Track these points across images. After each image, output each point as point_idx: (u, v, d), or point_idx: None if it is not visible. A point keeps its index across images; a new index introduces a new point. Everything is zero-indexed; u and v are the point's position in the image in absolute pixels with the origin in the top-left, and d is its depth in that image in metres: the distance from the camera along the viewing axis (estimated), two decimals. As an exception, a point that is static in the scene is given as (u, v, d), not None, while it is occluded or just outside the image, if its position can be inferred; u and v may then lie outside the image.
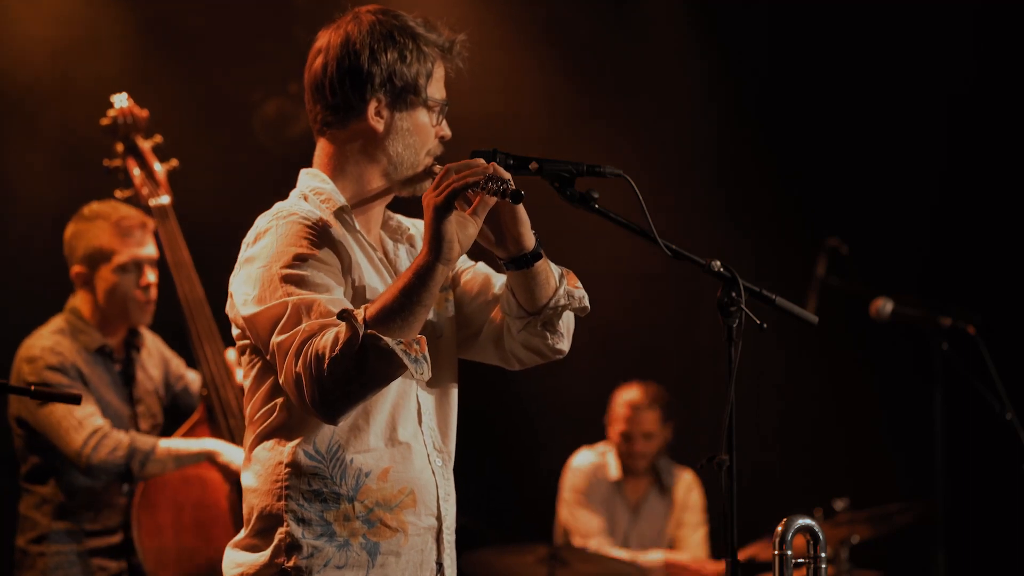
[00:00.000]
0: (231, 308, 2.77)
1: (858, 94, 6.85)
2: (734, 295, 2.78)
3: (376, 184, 2.85)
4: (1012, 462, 4.72)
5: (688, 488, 6.32)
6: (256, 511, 2.78)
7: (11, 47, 5.67)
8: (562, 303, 2.84)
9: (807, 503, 5.59)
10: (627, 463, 6.27)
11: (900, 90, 6.77)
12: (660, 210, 2.89)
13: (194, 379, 4.76)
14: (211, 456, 4.46)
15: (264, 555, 2.75)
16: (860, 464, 6.65)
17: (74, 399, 3.01)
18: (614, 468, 6.30)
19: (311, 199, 2.82)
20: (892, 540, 5.96)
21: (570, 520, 6.27)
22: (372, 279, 2.80)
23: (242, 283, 2.72)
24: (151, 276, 4.55)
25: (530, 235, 2.77)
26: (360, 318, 2.55)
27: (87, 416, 4.35)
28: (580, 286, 2.88)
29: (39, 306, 4.73)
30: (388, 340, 2.54)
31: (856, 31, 6.82)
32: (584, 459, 6.36)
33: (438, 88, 2.87)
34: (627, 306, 6.65)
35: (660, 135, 6.92)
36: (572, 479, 6.32)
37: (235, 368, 4.54)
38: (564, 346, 2.90)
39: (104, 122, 4.81)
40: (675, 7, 6.96)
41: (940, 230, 6.80)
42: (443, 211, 2.62)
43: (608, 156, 3.23)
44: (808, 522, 2.89)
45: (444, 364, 2.87)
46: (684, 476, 6.35)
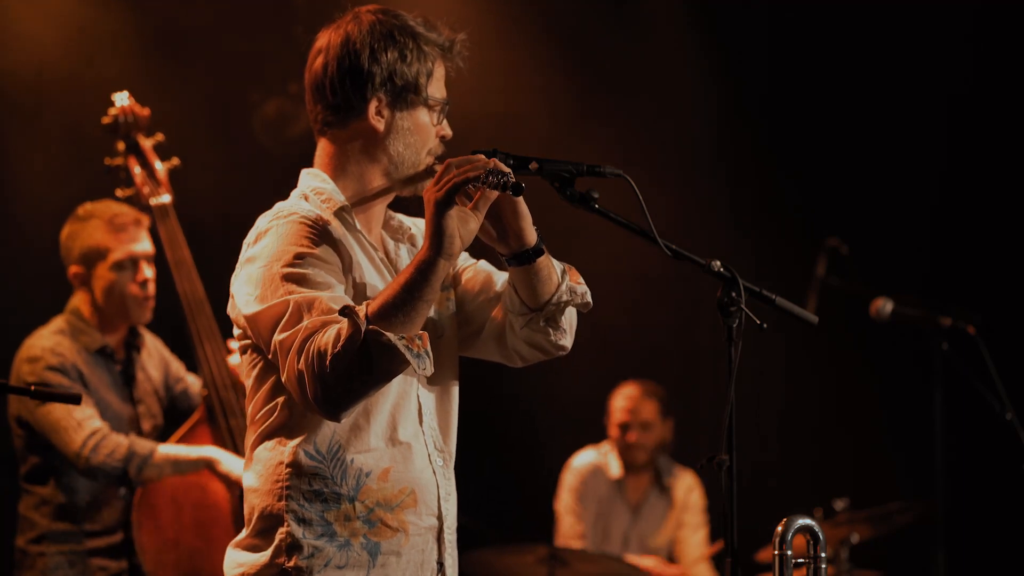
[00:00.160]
0: (232, 308, 2.77)
1: (858, 94, 6.85)
2: (734, 295, 2.78)
3: (377, 183, 2.85)
4: (1012, 462, 4.72)
5: (689, 489, 6.32)
6: (257, 511, 2.78)
7: (12, 47, 5.67)
8: (564, 299, 2.84)
9: (807, 503, 5.59)
10: (626, 457, 6.27)
11: (900, 90, 6.77)
12: (660, 210, 2.89)
13: (193, 382, 4.76)
14: (210, 464, 4.46)
15: (265, 555, 2.75)
16: (860, 464, 6.65)
17: (74, 399, 3.01)
18: (615, 467, 6.30)
19: (312, 199, 2.82)
20: (892, 540, 5.96)
21: (559, 519, 6.30)
22: (373, 278, 2.80)
23: (243, 283, 2.72)
24: (147, 272, 4.55)
25: (531, 230, 2.77)
26: (362, 314, 2.55)
27: (86, 417, 4.35)
28: (582, 282, 2.88)
29: (39, 306, 4.73)
30: (390, 335, 2.54)
31: (856, 31, 6.82)
32: (584, 459, 6.36)
33: (439, 87, 2.86)
34: (627, 306, 6.65)
35: (660, 135, 6.92)
36: (568, 479, 6.33)
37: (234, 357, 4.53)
38: (567, 342, 2.90)
39: (105, 121, 4.81)
40: (675, 7, 6.97)
41: (940, 230, 6.80)
42: (444, 206, 2.62)
43: (608, 156, 3.23)
44: (808, 522, 2.89)
45: (445, 363, 2.87)
46: (685, 477, 6.35)
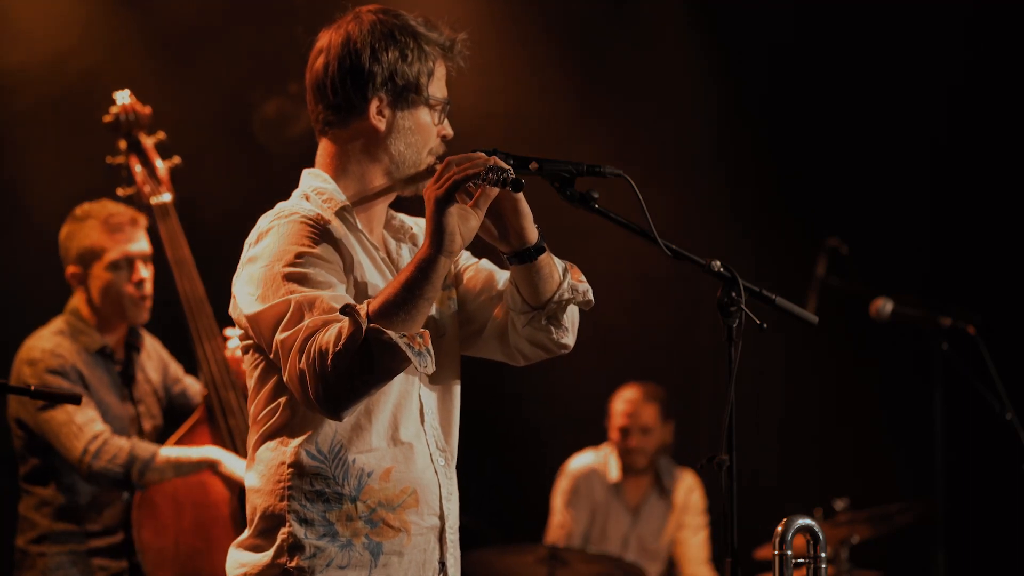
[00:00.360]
0: (234, 308, 2.77)
1: (858, 94, 6.85)
2: (734, 295, 2.78)
3: (378, 183, 2.85)
4: (1012, 462, 4.72)
5: (689, 490, 6.31)
6: (259, 511, 2.78)
7: (13, 46, 5.67)
8: (566, 297, 2.84)
9: (807, 503, 5.59)
10: (626, 461, 6.27)
11: (900, 90, 6.77)
12: (660, 210, 2.89)
13: (191, 384, 4.76)
14: (212, 465, 4.45)
15: (267, 555, 2.75)
16: (860, 464, 6.65)
17: (74, 399, 3.01)
18: (614, 470, 6.30)
19: (313, 199, 2.82)
20: (892, 540, 5.96)
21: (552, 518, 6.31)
22: (374, 278, 2.80)
23: (245, 283, 2.72)
24: (144, 272, 4.53)
25: (532, 228, 2.77)
26: (363, 312, 2.55)
27: (87, 422, 4.34)
28: (584, 280, 2.88)
29: (39, 306, 4.73)
30: (391, 333, 2.54)
31: (856, 31, 6.82)
32: (580, 462, 6.36)
33: (439, 87, 2.86)
34: (627, 306, 6.65)
35: (660, 135, 6.92)
36: (560, 482, 6.34)
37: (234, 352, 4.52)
38: (569, 340, 2.90)
39: (107, 119, 4.81)
40: (675, 7, 6.96)
41: (940, 230, 6.80)
42: (444, 203, 2.63)
43: (608, 156, 3.23)
44: (808, 522, 2.90)
45: (447, 363, 2.87)
46: (685, 478, 6.34)
